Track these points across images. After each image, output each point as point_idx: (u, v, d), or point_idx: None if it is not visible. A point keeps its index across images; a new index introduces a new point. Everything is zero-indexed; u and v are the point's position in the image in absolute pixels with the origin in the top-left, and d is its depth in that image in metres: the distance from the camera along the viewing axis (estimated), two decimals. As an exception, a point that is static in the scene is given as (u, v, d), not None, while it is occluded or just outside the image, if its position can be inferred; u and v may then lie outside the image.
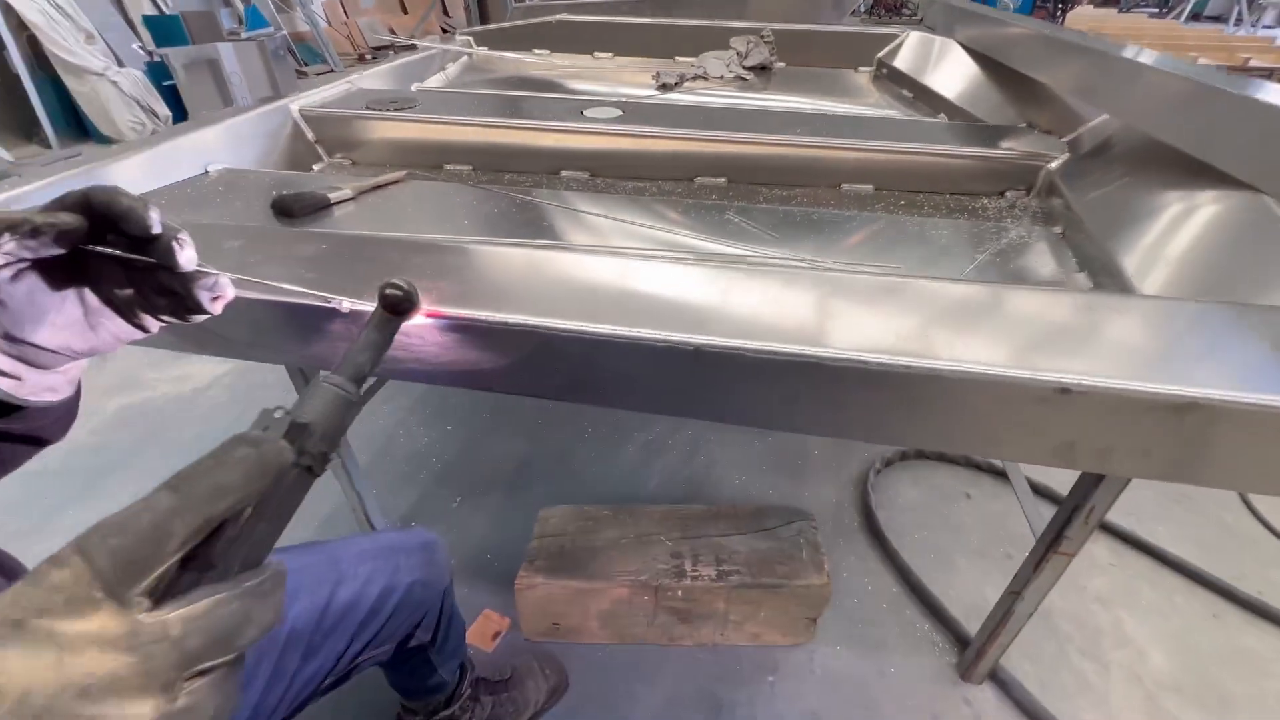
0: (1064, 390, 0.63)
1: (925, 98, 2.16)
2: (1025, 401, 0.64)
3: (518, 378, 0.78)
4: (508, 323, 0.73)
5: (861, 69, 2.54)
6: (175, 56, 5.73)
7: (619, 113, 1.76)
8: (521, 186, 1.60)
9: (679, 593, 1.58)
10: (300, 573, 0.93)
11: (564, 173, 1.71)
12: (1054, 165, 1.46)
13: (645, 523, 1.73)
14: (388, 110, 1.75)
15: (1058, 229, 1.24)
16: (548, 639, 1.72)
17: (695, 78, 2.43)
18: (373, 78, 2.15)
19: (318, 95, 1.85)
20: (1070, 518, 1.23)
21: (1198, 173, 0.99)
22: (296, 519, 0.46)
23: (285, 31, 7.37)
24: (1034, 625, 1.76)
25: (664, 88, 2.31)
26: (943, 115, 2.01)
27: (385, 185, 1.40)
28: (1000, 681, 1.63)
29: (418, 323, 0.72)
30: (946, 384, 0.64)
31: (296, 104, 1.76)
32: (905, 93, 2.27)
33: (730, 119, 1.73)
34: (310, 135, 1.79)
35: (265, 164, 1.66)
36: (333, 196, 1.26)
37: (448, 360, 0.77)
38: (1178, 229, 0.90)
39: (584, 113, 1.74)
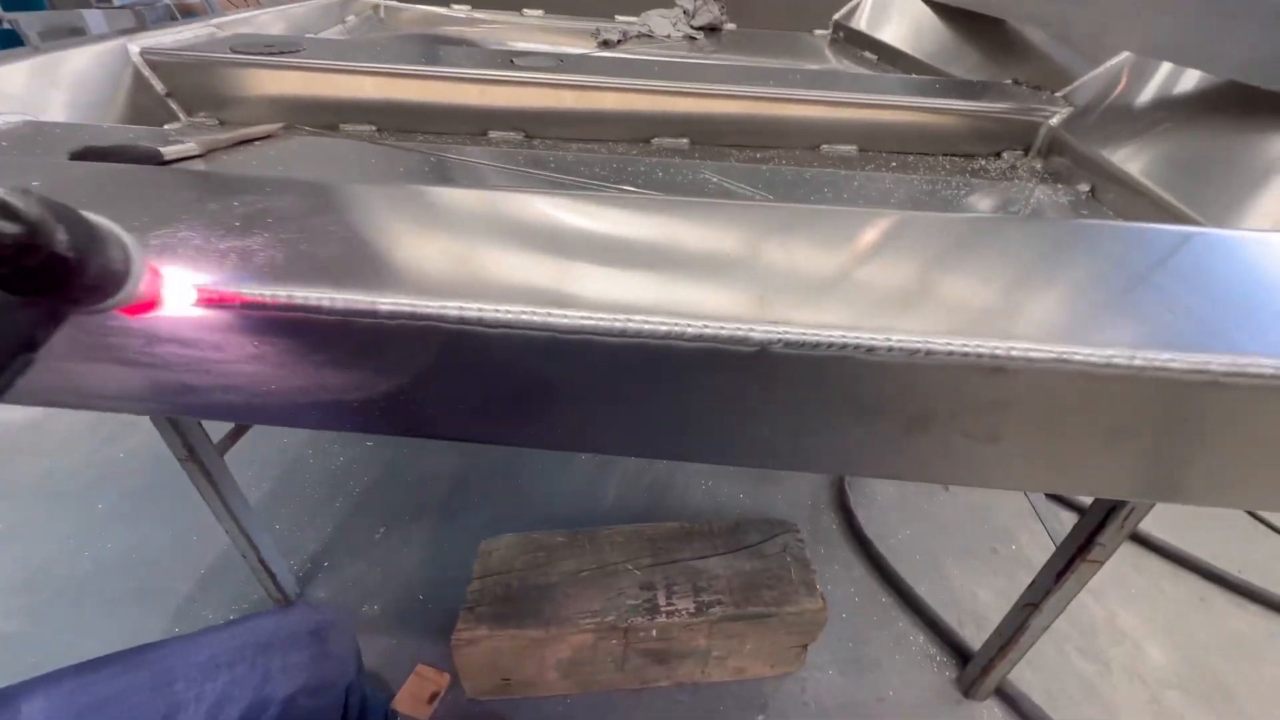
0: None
1: (892, 59, 1.98)
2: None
3: (414, 408, 0.50)
4: (389, 310, 0.45)
5: (818, 31, 2.35)
6: (29, 23, 4.90)
7: (557, 62, 1.47)
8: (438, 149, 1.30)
9: (653, 632, 1.33)
10: (109, 706, 0.61)
11: (492, 133, 1.41)
12: (1055, 121, 1.30)
13: (608, 549, 1.47)
14: (262, 54, 1.38)
15: (1084, 187, 1.06)
16: (497, 697, 1.44)
17: (639, 36, 2.16)
18: (247, 24, 1.75)
19: (168, 37, 1.46)
20: (1104, 521, 1.07)
21: (1265, 107, 0.82)
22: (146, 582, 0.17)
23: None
24: (1033, 628, 1.62)
25: (604, 45, 2.03)
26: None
27: (253, 140, 1.06)
28: (1006, 696, 1.48)
29: (185, 313, 0.42)
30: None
31: (137, 44, 1.37)
32: (868, 55, 2.09)
33: (688, 72, 1.48)
34: (159, 87, 1.40)
35: (97, 120, 1.27)
36: (168, 151, 0.92)
37: (267, 383, 0.47)
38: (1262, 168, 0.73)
39: (514, 61, 1.44)
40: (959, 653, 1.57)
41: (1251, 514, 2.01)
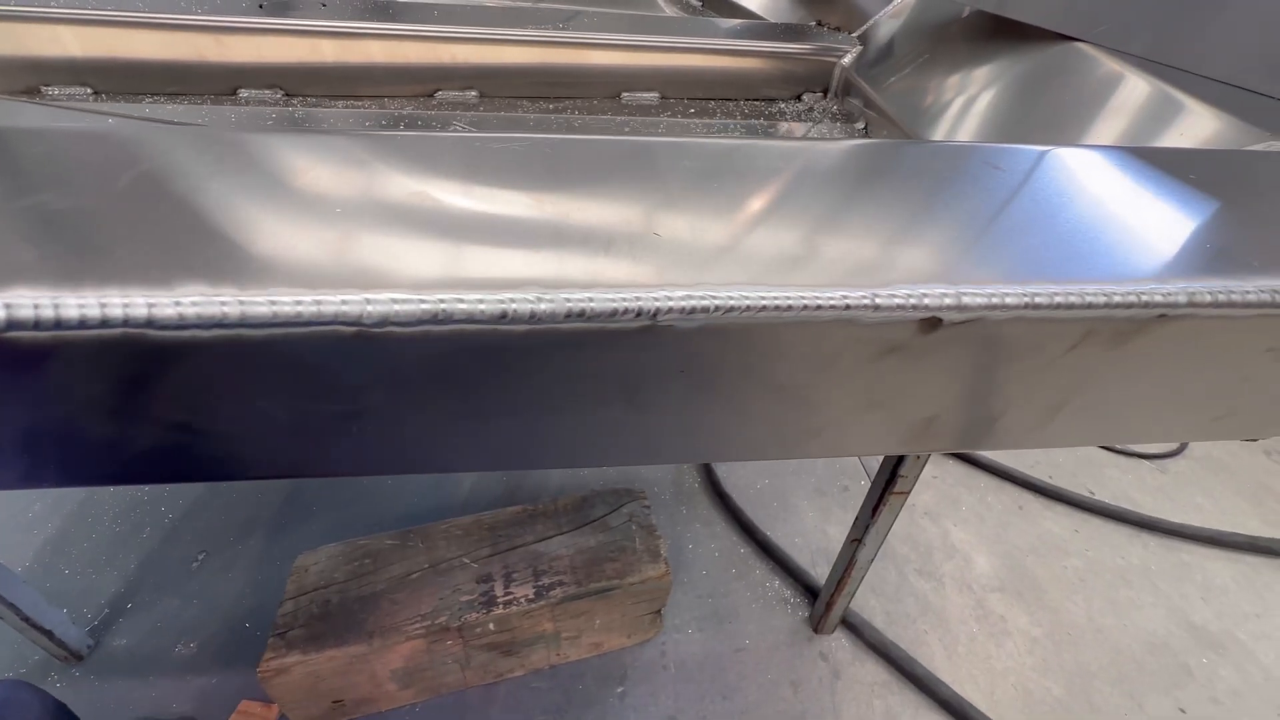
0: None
1: (715, 5, 1.93)
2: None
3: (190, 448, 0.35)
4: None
5: (648, -22, 2.24)
6: None
7: (322, 6, 1.28)
8: (170, 109, 1.09)
9: (490, 625, 1.26)
10: None
11: (242, 92, 1.20)
12: (846, 60, 1.29)
13: (442, 545, 1.37)
14: (-93, -2, 1.09)
15: (860, 125, 1.05)
16: (331, 721, 1.32)
17: (450, -17, 1.96)
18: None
19: None
20: (902, 455, 1.11)
21: (1009, 34, 0.83)
22: None
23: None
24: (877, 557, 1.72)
25: (406, -8, 1.81)
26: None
27: None
28: (851, 626, 1.55)
29: None
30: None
31: None
32: (694, 2, 2.03)
33: (479, 16, 1.33)
34: None
35: None
36: None
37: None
38: (986, 94, 0.74)
39: (262, 5, 1.23)
40: (811, 592, 1.63)
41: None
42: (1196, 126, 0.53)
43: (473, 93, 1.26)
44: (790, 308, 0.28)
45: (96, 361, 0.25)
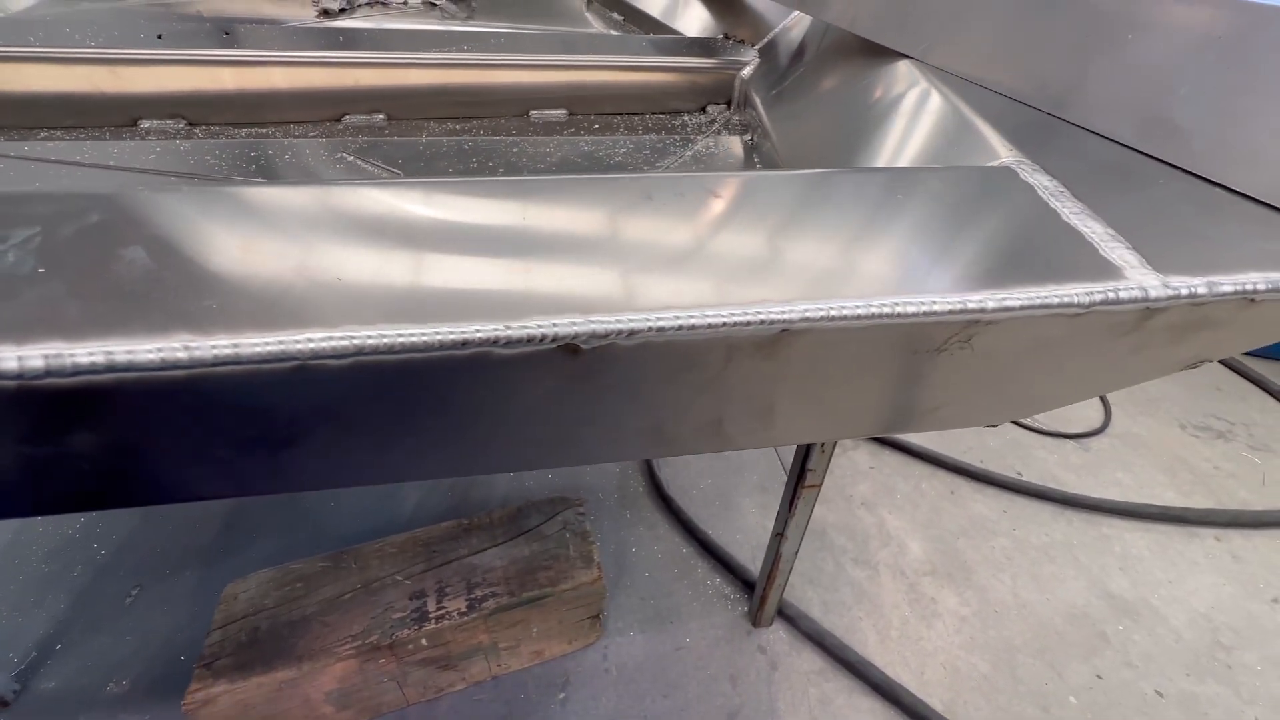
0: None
1: (635, 19, 1.97)
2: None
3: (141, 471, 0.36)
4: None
5: (575, -7, 2.28)
6: None
7: (224, 35, 1.28)
8: (67, 145, 1.08)
9: (423, 641, 1.27)
10: None
11: (143, 123, 1.20)
12: (745, 73, 1.34)
13: (375, 564, 1.37)
14: None
15: (749, 137, 1.10)
16: (267, 749, 1.31)
17: (372, 3, 1.97)
18: None
19: None
20: (808, 450, 1.15)
21: (865, 52, 0.88)
22: None
23: None
24: (813, 546, 1.78)
25: (325, 14, 1.82)
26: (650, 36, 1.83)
27: None
28: (788, 617, 1.60)
29: None
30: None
31: None
32: (616, 16, 2.07)
33: (390, 40, 1.35)
34: None
35: None
36: None
37: None
38: (824, 109, 0.78)
39: (161, 36, 1.23)
40: (750, 587, 1.67)
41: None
42: (966, 140, 0.58)
43: (380, 116, 1.27)
44: (428, 346, 0.31)
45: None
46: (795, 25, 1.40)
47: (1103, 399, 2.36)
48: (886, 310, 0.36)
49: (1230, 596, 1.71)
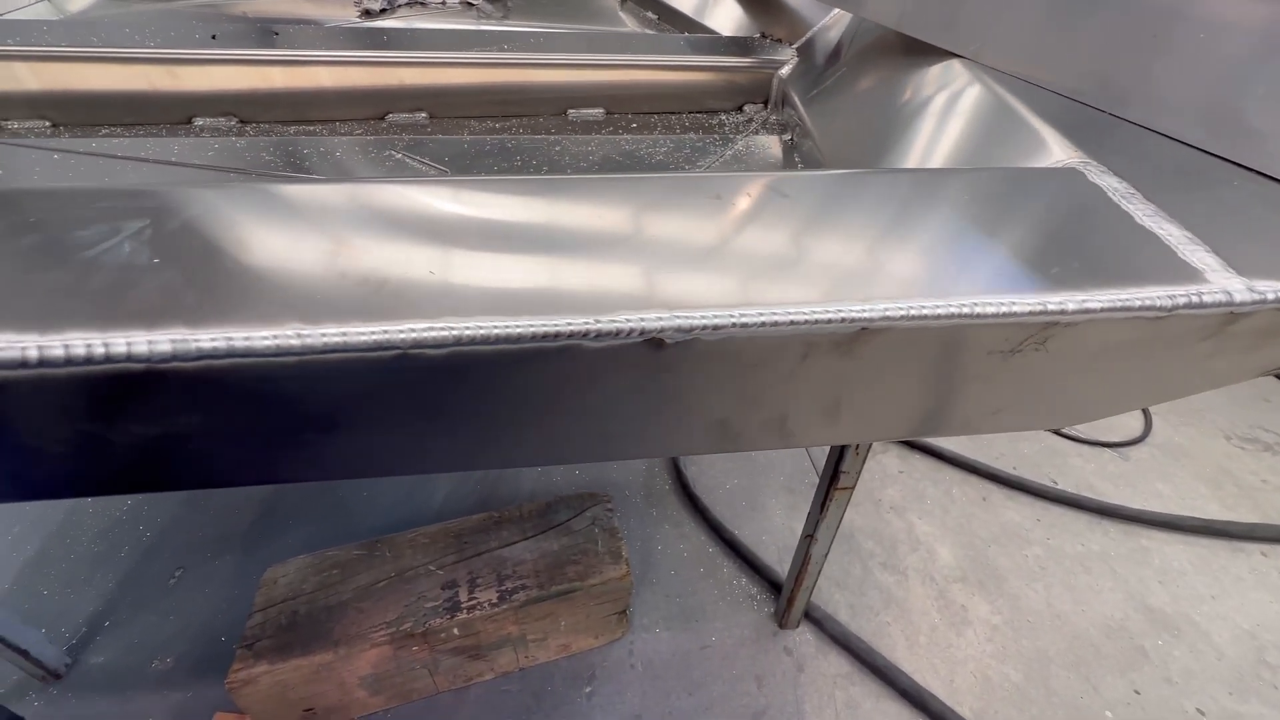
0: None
1: (669, 18, 1.98)
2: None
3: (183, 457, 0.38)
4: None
5: (610, -8, 2.29)
6: None
7: (274, 35, 1.32)
8: (129, 141, 1.13)
9: (455, 630, 1.30)
10: None
11: (197, 120, 1.24)
12: (784, 72, 1.33)
13: (409, 554, 1.40)
14: None
15: (788, 136, 1.09)
16: (303, 729, 1.35)
17: (411, 3, 2.01)
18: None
19: None
20: (842, 452, 1.15)
21: (911, 50, 0.87)
22: None
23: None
24: (841, 550, 1.76)
25: (367, 15, 1.86)
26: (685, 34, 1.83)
27: None
28: (815, 620, 1.59)
29: None
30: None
31: None
32: (650, 15, 2.08)
33: (432, 40, 1.37)
34: None
35: None
36: None
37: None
38: (870, 108, 0.78)
39: (215, 37, 1.27)
40: (777, 588, 1.67)
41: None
42: (1026, 141, 0.57)
43: (422, 114, 1.30)
44: (520, 337, 0.32)
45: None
46: (834, 24, 1.39)
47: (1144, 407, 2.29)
48: (966, 310, 0.36)
49: (1278, 614, 1.65)
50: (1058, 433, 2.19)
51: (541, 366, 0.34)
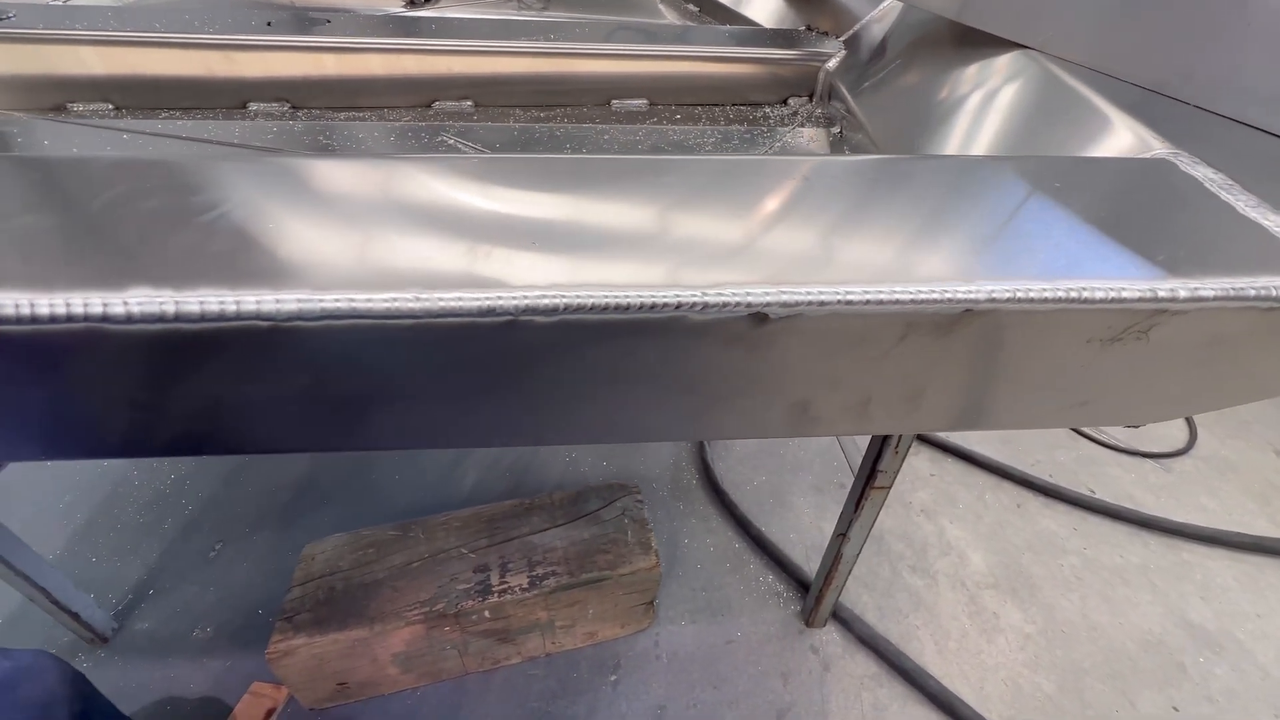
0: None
1: (711, 10, 1.96)
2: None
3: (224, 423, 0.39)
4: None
5: (649, -15, 2.28)
6: None
7: (326, 22, 1.34)
8: (191, 124, 1.16)
9: (486, 613, 1.31)
10: None
11: (252, 105, 1.27)
12: (831, 65, 1.32)
13: (441, 536, 1.43)
14: (-54, 25, 1.17)
15: (836, 129, 1.08)
16: (336, 703, 1.39)
17: (455, -6, 2.02)
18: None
19: None
20: (880, 450, 1.13)
21: (971, 41, 0.85)
22: None
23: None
24: (869, 551, 1.74)
25: (412, 4, 1.88)
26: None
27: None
28: (842, 620, 1.58)
29: None
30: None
31: None
32: (691, 7, 2.06)
33: (474, 29, 1.39)
34: None
35: None
36: None
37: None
38: (937, 99, 0.76)
39: (270, 24, 1.30)
40: (804, 587, 1.66)
41: (1064, 423, 2.23)
42: (1107, 133, 0.55)
43: (468, 103, 1.31)
44: (628, 306, 0.33)
45: (84, 351, 0.31)
46: (883, 16, 1.37)
47: (1188, 417, 2.22)
48: (1074, 294, 0.35)
49: (1327, 636, 1.59)
50: (1095, 440, 2.14)
51: (640, 339, 0.34)
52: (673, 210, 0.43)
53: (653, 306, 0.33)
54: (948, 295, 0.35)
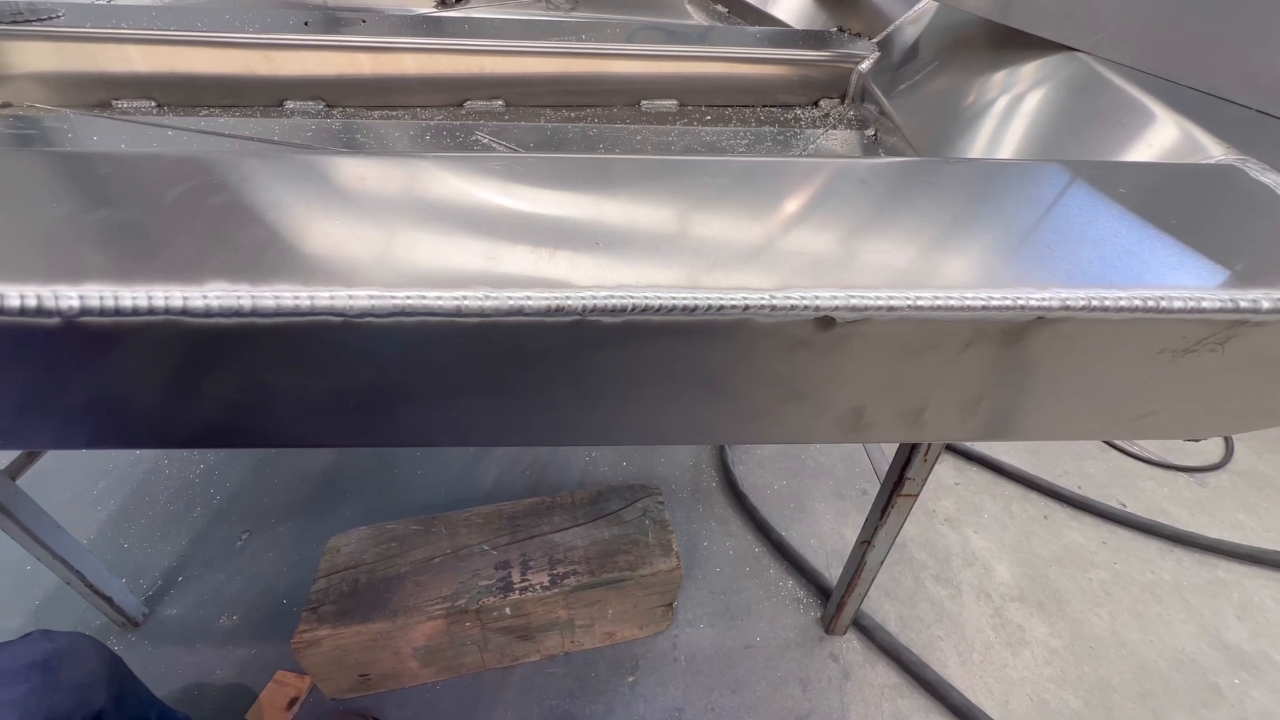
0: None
1: (740, 12, 1.96)
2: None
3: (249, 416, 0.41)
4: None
5: (677, -14, 2.28)
6: None
7: (361, 23, 1.36)
8: (233, 121, 1.18)
9: (507, 610, 1.32)
10: None
11: (288, 104, 1.29)
12: (864, 67, 1.30)
13: (464, 532, 1.44)
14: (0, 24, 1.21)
15: (870, 132, 1.07)
16: (358, 694, 1.40)
17: (485, -6, 2.04)
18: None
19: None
20: (909, 457, 1.12)
21: (1013, 43, 0.84)
22: None
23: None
24: (891, 559, 1.72)
25: (443, 5, 1.91)
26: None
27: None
28: (863, 628, 1.56)
29: None
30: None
31: None
32: (720, 8, 2.06)
33: (505, 29, 1.40)
34: (-122, 65, 1.21)
35: None
36: None
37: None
38: (980, 102, 0.75)
39: (307, 24, 1.32)
40: (824, 593, 1.64)
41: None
42: (1166, 137, 0.54)
43: (499, 102, 1.32)
44: (695, 308, 0.32)
45: (157, 342, 0.32)
46: (918, 18, 1.35)
47: (1224, 432, 2.15)
48: (1150, 304, 0.34)
49: (1371, 661, 1.53)
50: (1126, 453, 2.09)
51: (702, 341, 0.34)
52: (733, 212, 0.42)
53: (720, 309, 0.32)
54: (1020, 302, 0.34)
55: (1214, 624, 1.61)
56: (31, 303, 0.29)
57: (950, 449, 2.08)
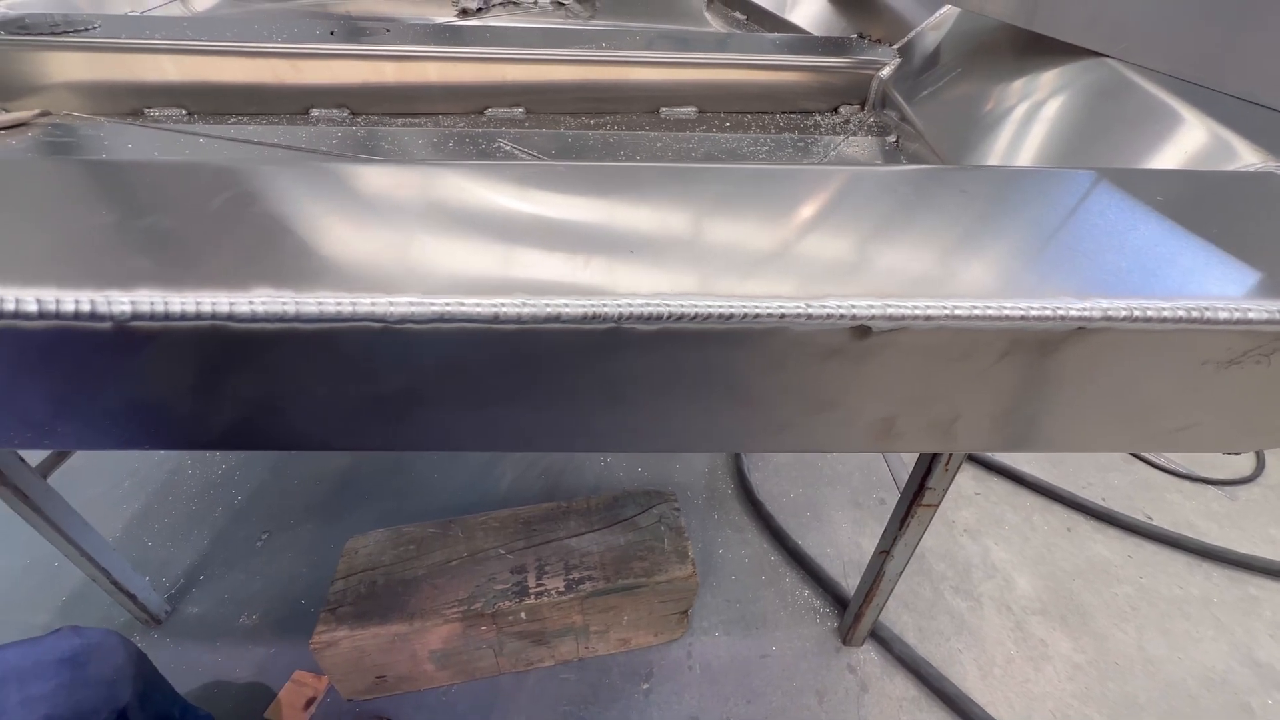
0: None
1: (758, 18, 1.96)
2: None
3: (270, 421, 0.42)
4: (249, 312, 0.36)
5: (695, -7, 2.30)
6: None
7: (385, 32, 1.38)
8: (262, 128, 1.21)
9: (522, 614, 1.32)
10: None
11: (314, 111, 1.32)
12: (885, 73, 1.30)
13: (480, 536, 1.44)
14: (40, 35, 1.25)
15: (891, 139, 1.06)
16: (374, 695, 1.41)
17: (505, 2, 2.07)
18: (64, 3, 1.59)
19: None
20: (930, 466, 1.10)
21: (1037, 49, 0.83)
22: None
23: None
24: (909, 570, 1.70)
25: (464, 14, 1.93)
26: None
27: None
28: (881, 639, 1.54)
29: None
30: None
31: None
32: (738, 15, 2.06)
33: (526, 37, 1.41)
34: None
35: None
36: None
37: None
38: (1006, 109, 0.74)
39: (333, 33, 1.35)
40: (841, 603, 1.62)
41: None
42: (1200, 144, 0.53)
43: (519, 109, 1.34)
44: (731, 316, 0.32)
45: (198, 346, 0.33)
46: (940, 24, 1.34)
47: (1254, 444, 2.10)
48: (1195, 314, 0.34)
49: None
50: (1152, 464, 2.04)
51: (736, 349, 0.34)
52: (764, 220, 0.42)
53: (756, 317, 0.32)
54: (1060, 312, 0.34)
55: (1245, 641, 1.57)
56: (85, 307, 0.30)
57: (971, 458, 2.05)
